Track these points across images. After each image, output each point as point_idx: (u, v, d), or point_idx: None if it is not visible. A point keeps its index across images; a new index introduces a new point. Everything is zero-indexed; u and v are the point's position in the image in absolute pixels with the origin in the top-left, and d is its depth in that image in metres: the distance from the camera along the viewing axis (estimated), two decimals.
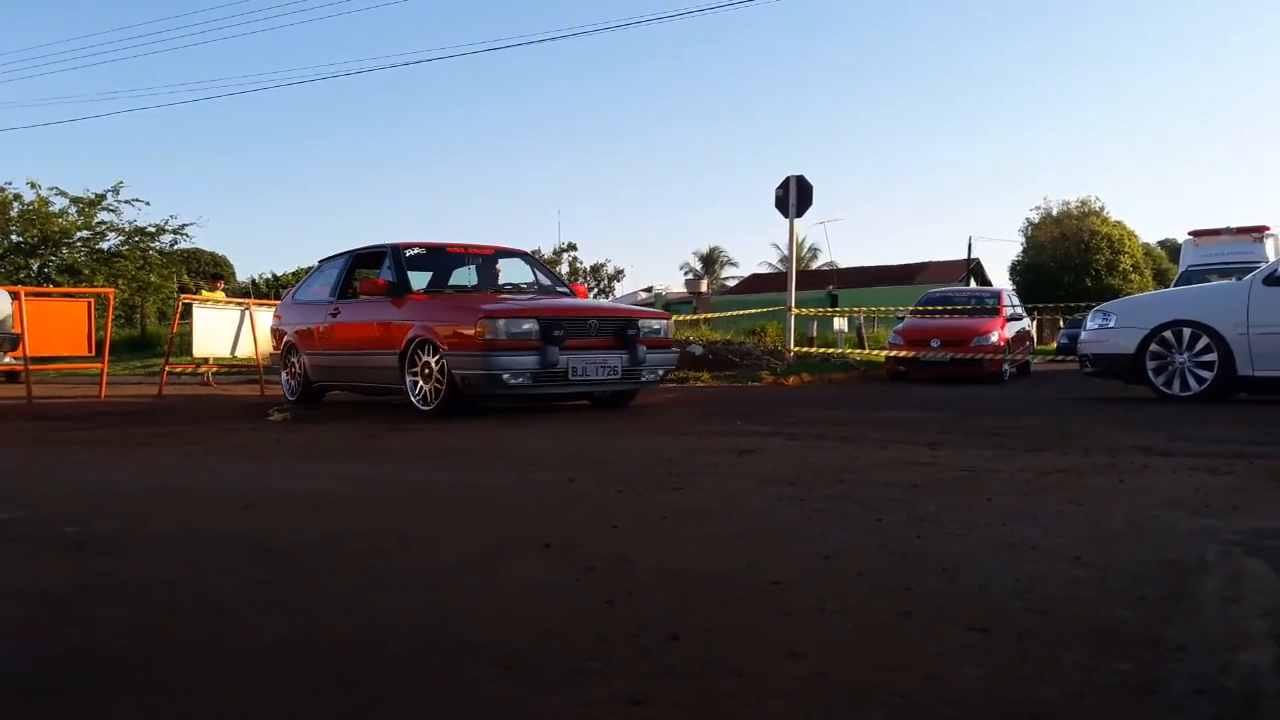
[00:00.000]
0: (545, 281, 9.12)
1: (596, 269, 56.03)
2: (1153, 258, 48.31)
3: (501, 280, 9.01)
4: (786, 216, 14.41)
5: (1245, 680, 1.43)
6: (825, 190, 74.00)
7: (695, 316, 19.85)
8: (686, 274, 58.81)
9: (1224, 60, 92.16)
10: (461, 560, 2.39)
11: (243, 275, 50.78)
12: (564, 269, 50.17)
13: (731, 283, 55.08)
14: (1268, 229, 16.45)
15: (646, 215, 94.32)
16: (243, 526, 2.92)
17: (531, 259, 9.55)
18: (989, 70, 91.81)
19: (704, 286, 49.13)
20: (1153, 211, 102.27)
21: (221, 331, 12.20)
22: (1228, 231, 16.24)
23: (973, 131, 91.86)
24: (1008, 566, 2.18)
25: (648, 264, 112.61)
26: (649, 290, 52.58)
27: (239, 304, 13.16)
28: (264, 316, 11.99)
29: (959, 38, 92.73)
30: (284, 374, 9.67)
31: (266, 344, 11.46)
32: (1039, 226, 46.96)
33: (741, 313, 19.61)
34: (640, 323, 7.80)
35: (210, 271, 14.74)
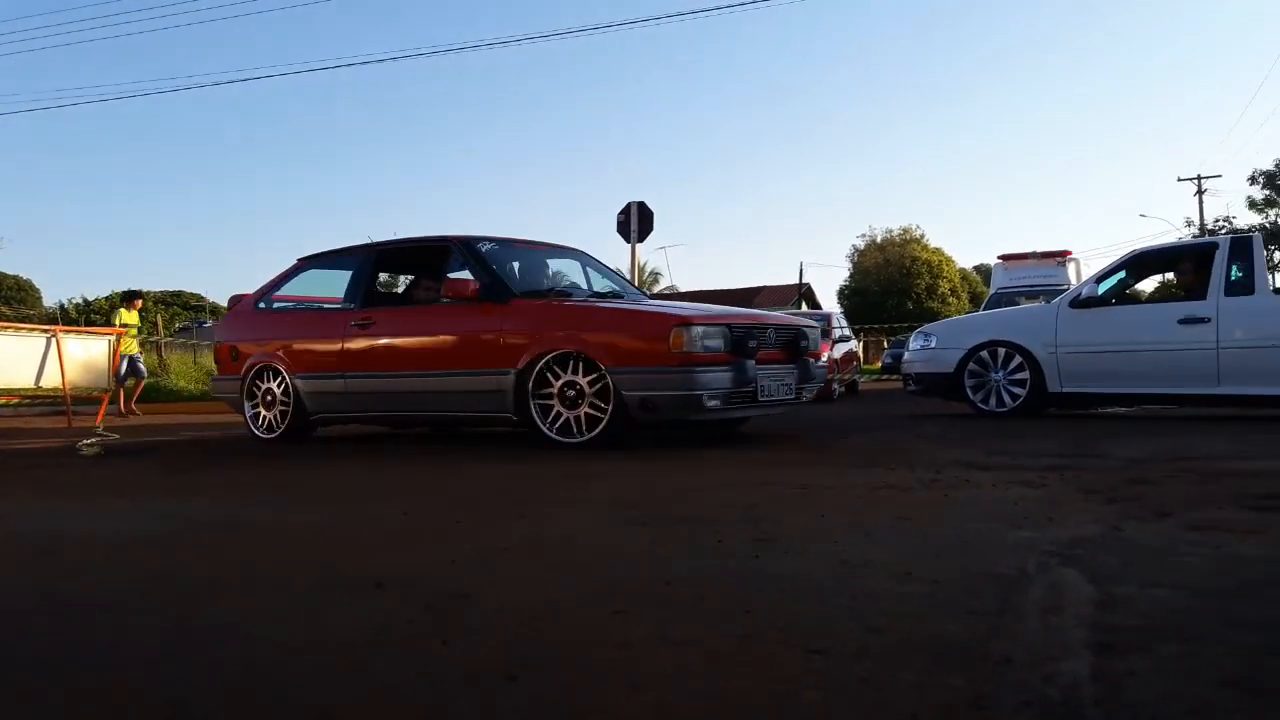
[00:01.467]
0: (607, 285, 7.64)
1: None
2: (969, 281, 51.39)
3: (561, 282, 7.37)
4: (628, 241, 14.53)
5: (1067, 691, 1.47)
6: (666, 216, 75.37)
7: None
8: None
9: (1034, 94, 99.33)
10: (283, 604, 2.24)
11: (50, 300, 47.37)
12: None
13: None
14: (1069, 254, 17.77)
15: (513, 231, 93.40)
16: (33, 576, 2.66)
17: (588, 257, 7.88)
18: (821, 103, 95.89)
19: None
20: (968, 238, 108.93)
21: (24, 361, 11.20)
22: (1034, 256, 17.44)
23: (805, 162, 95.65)
24: (843, 584, 2.21)
25: None
26: None
27: (44, 330, 12.16)
28: (73, 344, 11.11)
29: (793, 70, 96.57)
30: (248, 405, 7.65)
31: (79, 372, 10.60)
32: (865, 253, 49.23)
33: None
34: (809, 333, 6.86)
35: (125, 291, 13.00)
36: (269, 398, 7.51)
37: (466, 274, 6.78)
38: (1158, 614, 1.90)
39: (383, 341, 6.91)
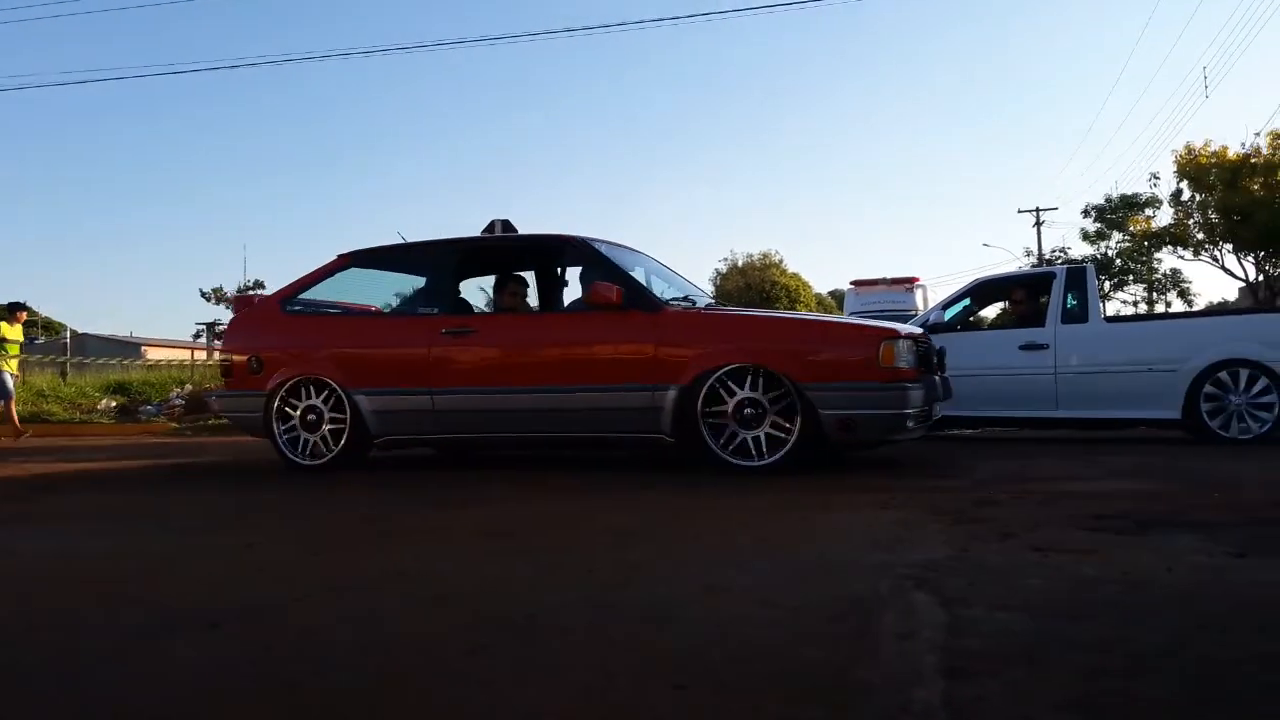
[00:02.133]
0: (686, 289, 6.80)
1: None
2: (825, 306, 52.99)
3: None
4: None
5: (922, 718, 1.50)
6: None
7: None
8: None
9: (887, 126, 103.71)
10: (106, 646, 2.08)
11: None
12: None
13: None
14: (918, 280, 18.57)
15: (334, 250, 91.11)
16: None
17: (652, 261, 7.09)
18: (681, 127, 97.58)
19: None
20: (824, 264, 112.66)
21: None
22: (884, 282, 18.16)
23: (669, 184, 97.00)
24: (709, 612, 2.22)
25: None
26: None
27: None
28: None
29: (656, 95, 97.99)
30: (280, 427, 6.33)
31: None
32: (726, 276, 50.21)
33: None
34: (942, 347, 6.49)
35: (8, 303, 11.45)
36: (311, 417, 6.26)
37: (610, 279, 5.91)
38: (1003, 637, 1.98)
39: (492, 353, 6.02)
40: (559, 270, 7.02)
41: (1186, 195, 23.90)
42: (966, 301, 9.20)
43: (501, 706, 1.62)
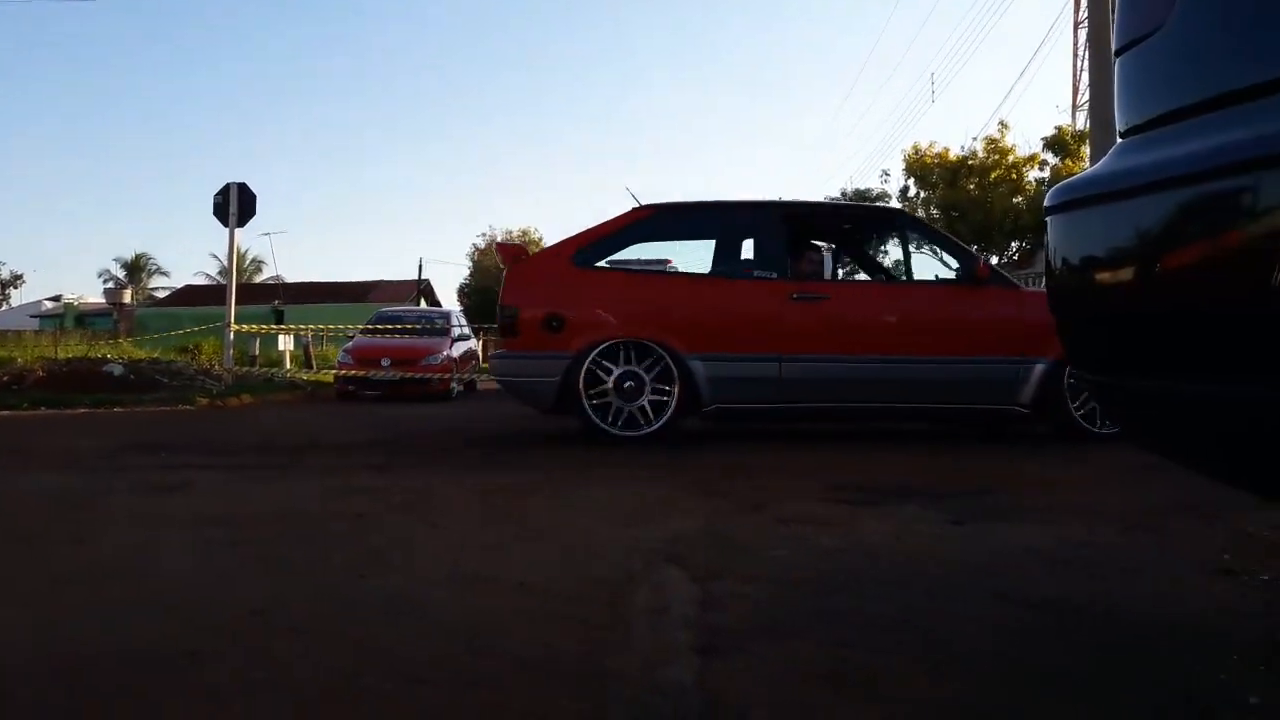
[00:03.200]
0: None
1: None
2: None
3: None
4: (226, 225, 13.38)
5: (675, 699, 1.47)
6: (271, 200, 70.94)
7: (117, 332, 17.65)
8: (106, 282, 51.76)
9: (639, 105, 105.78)
10: None
11: None
12: None
13: (162, 294, 49.90)
14: (670, 262, 19.02)
15: (55, 215, 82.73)
16: None
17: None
18: (440, 92, 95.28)
19: (127, 297, 43.71)
20: None
21: None
22: (637, 263, 18.45)
23: (424, 154, 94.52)
24: (454, 601, 2.09)
25: (55, 269, 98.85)
26: (56, 299, 45.82)
27: None
28: None
29: (414, 58, 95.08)
30: (588, 394, 5.61)
31: None
32: (485, 252, 49.63)
33: (174, 332, 17.86)
34: None
35: None
36: (629, 384, 5.65)
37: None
38: (752, 611, 1.99)
39: (848, 321, 5.75)
40: (875, 241, 6.72)
41: (913, 192, 25.93)
42: None
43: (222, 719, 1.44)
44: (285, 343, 16.55)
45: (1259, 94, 1.35)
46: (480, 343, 20.72)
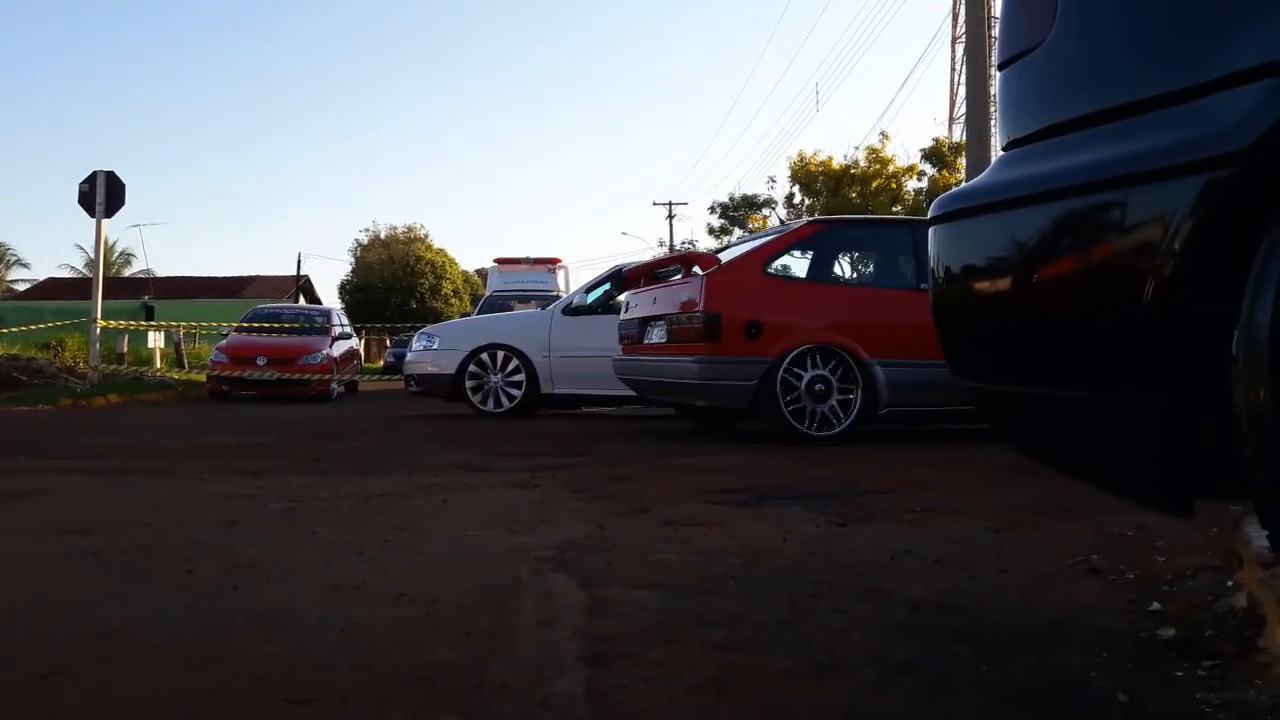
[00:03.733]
0: None
1: None
2: (471, 283, 52.82)
3: None
4: (93, 216, 12.72)
5: (562, 713, 1.43)
6: (141, 190, 67.78)
7: None
8: None
9: (530, 113, 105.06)
10: None
11: None
12: None
13: (22, 286, 47.18)
14: (559, 261, 18.94)
15: None
16: None
17: None
18: (312, 86, 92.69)
19: None
20: (470, 241, 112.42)
21: None
22: (526, 261, 18.32)
23: (304, 148, 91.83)
24: (333, 614, 2.01)
25: None
26: None
27: None
28: None
29: (291, 46, 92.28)
30: (784, 395, 5.90)
31: None
32: (368, 248, 48.52)
33: (35, 326, 16.86)
34: None
35: None
36: (819, 387, 5.95)
37: None
38: (641, 617, 1.97)
39: None
40: None
41: (798, 199, 26.51)
42: (607, 286, 9.51)
43: None
44: (155, 340, 15.88)
45: (1132, 112, 1.40)
46: (362, 343, 20.24)
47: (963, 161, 18.76)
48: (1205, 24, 1.30)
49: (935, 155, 24.38)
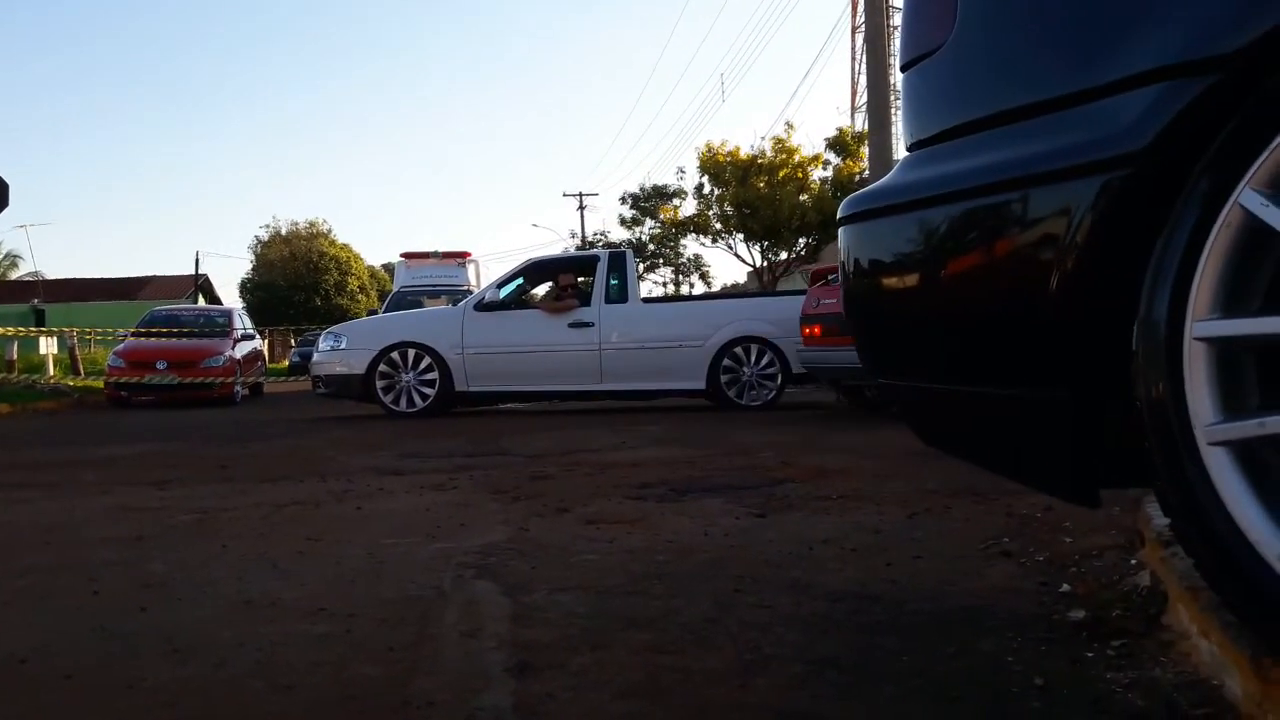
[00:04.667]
0: None
1: None
2: (377, 279, 51.83)
3: None
4: None
5: None
6: (25, 190, 64.69)
7: None
8: None
9: (441, 102, 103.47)
10: None
11: None
12: None
13: None
14: (469, 255, 18.69)
15: None
16: None
17: None
18: (205, 79, 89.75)
19: None
20: (376, 236, 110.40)
21: None
22: (435, 256, 18.01)
23: (199, 142, 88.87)
24: (248, 633, 1.95)
25: None
26: None
27: None
28: None
29: (183, 39, 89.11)
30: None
31: None
32: (269, 245, 47.22)
33: None
34: None
35: None
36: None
37: None
38: (567, 622, 1.96)
39: None
40: None
41: (707, 189, 26.63)
42: (520, 280, 9.45)
43: None
44: (47, 345, 15.21)
45: (1032, 114, 1.44)
46: (266, 343, 19.73)
47: (866, 150, 19.13)
48: (1101, 29, 1.35)
49: (839, 144, 24.75)
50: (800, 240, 25.30)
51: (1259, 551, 1.12)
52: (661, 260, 31.87)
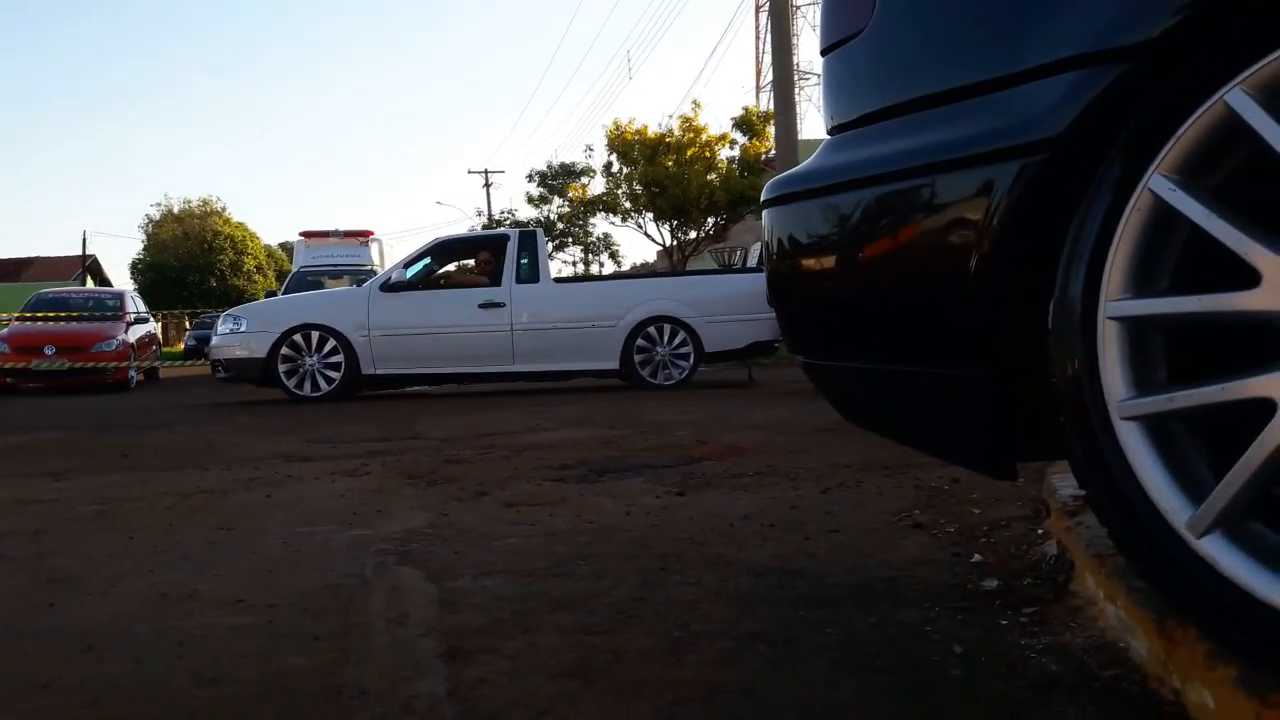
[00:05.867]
0: None
1: None
2: (275, 259, 50.38)
3: None
4: None
5: (428, 714, 1.41)
6: None
7: None
8: None
9: (336, 74, 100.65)
10: None
11: None
12: None
13: None
14: (372, 234, 18.29)
15: None
16: None
17: None
18: (93, 55, 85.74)
19: None
20: (273, 214, 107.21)
21: None
22: (336, 234, 17.56)
23: (86, 120, 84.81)
24: (166, 627, 1.89)
25: None
26: None
27: None
28: None
29: (62, 11, 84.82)
30: None
31: None
32: (160, 224, 45.50)
33: None
34: None
35: None
36: None
37: None
38: (495, 606, 1.96)
39: None
40: None
41: (616, 167, 26.56)
42: (428, 260, 9.30)
43: None
44: None
45: (951, 99, 1.48)
46: (160, 326, 19.02)
47: (772, 130, 19.31)
48: (1018, 18, 1.39)
49: (745, 124, 24.93)
50: (709, 219, 25.45)
51: (1168, 519, 1.18)
52: (570, 239, 31.70)
